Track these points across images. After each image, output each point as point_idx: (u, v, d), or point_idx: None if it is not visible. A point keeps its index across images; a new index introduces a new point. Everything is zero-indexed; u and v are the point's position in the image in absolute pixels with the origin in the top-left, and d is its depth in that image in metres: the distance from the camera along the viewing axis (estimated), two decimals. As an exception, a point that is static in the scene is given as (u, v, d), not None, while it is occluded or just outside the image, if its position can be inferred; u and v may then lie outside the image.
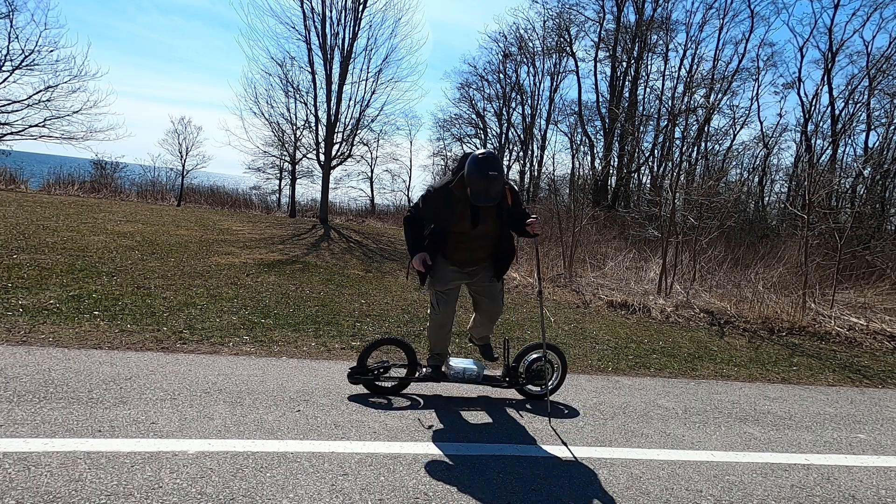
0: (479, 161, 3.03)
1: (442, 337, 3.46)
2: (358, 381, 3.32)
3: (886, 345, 6.72)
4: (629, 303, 7.41)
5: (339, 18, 14.11)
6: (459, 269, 3.36)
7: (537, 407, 3.44)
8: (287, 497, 2.14)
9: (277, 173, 22.29)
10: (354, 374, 3.31)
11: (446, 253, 3.33)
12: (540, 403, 3.48)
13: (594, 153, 25.02)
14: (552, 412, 3.37)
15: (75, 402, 2.77)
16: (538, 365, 3.50)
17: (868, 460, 3.14)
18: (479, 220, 3.23)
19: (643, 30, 22.51)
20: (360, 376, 3.31)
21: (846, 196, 17.65)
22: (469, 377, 3.43)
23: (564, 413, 3.39)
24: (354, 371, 3.32)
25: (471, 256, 3.34)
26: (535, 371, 3.50)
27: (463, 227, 3.23)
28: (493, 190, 3.04)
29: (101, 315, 4.34)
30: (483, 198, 3.06)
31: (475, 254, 3.34)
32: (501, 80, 29.17)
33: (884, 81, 18.74)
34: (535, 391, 3.54)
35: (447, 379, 3.43)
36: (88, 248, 6.89)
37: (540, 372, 3.50)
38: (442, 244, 3.31)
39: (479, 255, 3.36)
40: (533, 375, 3.50)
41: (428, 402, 3.35)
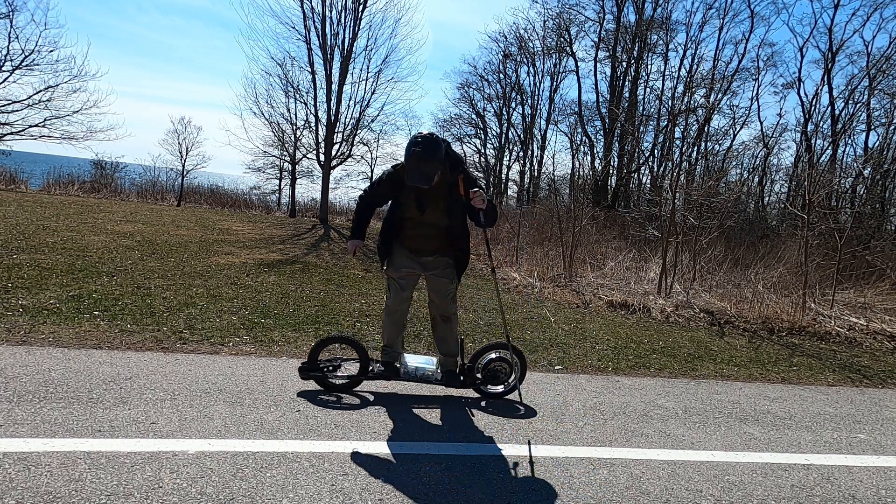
0: (411, 141, 2.98)
1: (392, 328, 3.39)
2: (308, 378, 3.27)
3: (886, 345, 6.72)
4: (629, 303, 7.41)
5: (339, 18, 14.12)
6: (413, 256, 3.30)
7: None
8: (287, 497, 2.14)
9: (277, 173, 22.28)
10: (304, 370, 3.27)
11: (401, 239, 3.31)
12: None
13: (594, 153, 25.03)
14: (559, 413, 3.37)
15: (75, 402, 2.77)
16: (495, 365, 3.44)
17: (868, 460, 3.14)
18: (427, 206, 3.17)
19: (643, 30, 22.50)
20: (309, 372, 3.26)
21: (846, 196, 17.63)
22: (422, 376, 3.36)
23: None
24: (305, 367, 3.28)
25: (422, 244, 3.27)
26: (493, 371, 3.44)
27: (412, 212, 3.21)
28: (424, 171, 2.96)
29: (101, 315, 4.34)
30: (414, 178, 2.98)
31: (426, 242, 3.27)
32: (501, 80, 29.20)
33: (884, 81, 18.74)
34: (494, 391, 3.48)
35: (399, 377, 3.35)
36: (88, 248, 6.89)
37: (497, 372, 3.44)
38: (396, 229, 3.29)
39: (432, 245, 3.28)
40: (490, 375, 3.45)
41: (433, 401, 3.35)
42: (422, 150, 2.92)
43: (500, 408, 3.37)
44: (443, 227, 3.24)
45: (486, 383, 3.46)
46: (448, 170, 3.15)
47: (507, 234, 13.03)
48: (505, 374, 3.46)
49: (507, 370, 3.46)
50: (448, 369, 3.44)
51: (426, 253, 3.30)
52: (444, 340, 3.46)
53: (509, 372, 3.47)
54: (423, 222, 3.23)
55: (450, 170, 3.15)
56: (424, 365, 3.41)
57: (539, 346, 5.01)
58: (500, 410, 3.33)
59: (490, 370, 3.43)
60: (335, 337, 3.45)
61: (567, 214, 11.49)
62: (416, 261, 3.32)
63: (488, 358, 3.45)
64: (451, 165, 3.15)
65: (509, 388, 3.48)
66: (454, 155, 3.20)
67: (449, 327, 3.44)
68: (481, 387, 3.46)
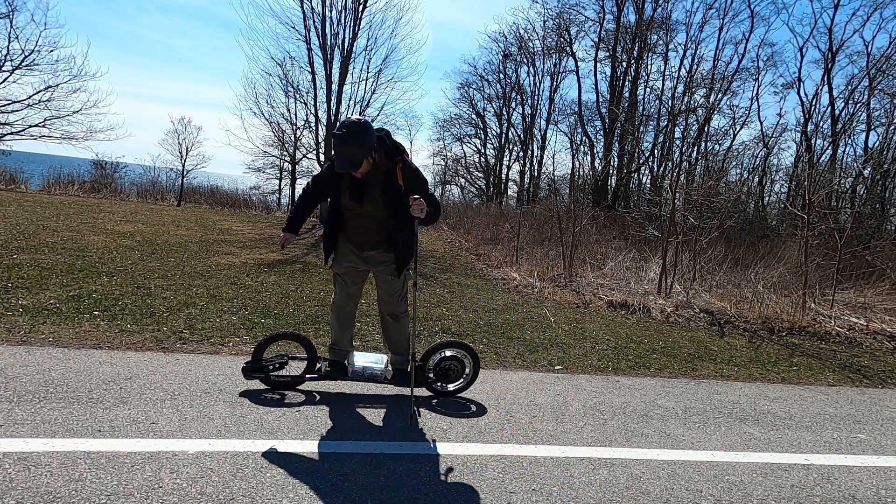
0: (337, 126, 2.86)
1: (339, 326, 3.31)
2: (252, 377, 3.16)
3: (886, 345, 6.72)
4: (629, 303, 7.41)
5: (339, 18, 14.11)
6: (357, 250, 3.20)
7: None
8: (287, 497, 2.14)
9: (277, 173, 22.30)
10: (248, 369, 3.15)
11: (344, 231, 3.22)
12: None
13: (594, 153, 25.03)
14: (560, 413, 3.37)
15: (75, 402, 2.77)
16: (447, 363, 3.38)
17: (868, 460, 3.14)
18: (364, 197, 3.06)
19: (643, 30, 22.51)
20: (252, 372, 3.15)
21: (846, 196, 17.63)
22: (370, 375, 3.26)
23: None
24: (248, 366, 3.16)
25: (363, 237, 3.17)
26: (444, 369, 3.38)
27: (349, 203, 3.10)
28: (348, 155, 2.84)
29: (101, 315, 4.34)
30: (340, 163, 2.88)
31: (366, 234, 3.16)
32: (501, 80, 29.22)
33: (884, 81, 18.74)
34: (446, 389, 3.42)
35: (347, 377, 3.26)
36: (88, 248, 6.89)
37: (449, 370, 3.38)
38: (339, 221, 3.20)
39: (372, 237, 3.16)
40: (442, 373, 3.38)
41: (424, 400, 3.35)
42: (343, 134, 2.80)
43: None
44: (381, 218, 3.10)
45: (437, 382, 3.40)
46: (384, 158, 3.02)
47: (507, 234, 13.03)
48: (457, 372, 3.40)
49: (459, 368, 3.41)
50: (399, 368, 3.36)
51: (367, 246, 3.19)
52: (392, 339, 3.39)
53: (461, 370, 3.42)
54: (363, 214, 3.11)
55: (385, 158, 3.02)
56: (373, 364, 3.32)
57: (539, 346, 5.01)
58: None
59: (442, 368, 3.37)
60: (282, 334, 3.34)
61: (567, 214, 11.49)
62: (359, 255, 3.21)
63: (440, 356, 3.38)
64: (387, 153, 3.03)
65: (461, 386, 3.43)
66: (392, 143, 3.09)
67: (398, 325, 3.36)
68: (433, 385, 3.40)
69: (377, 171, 3.02)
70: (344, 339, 3.36)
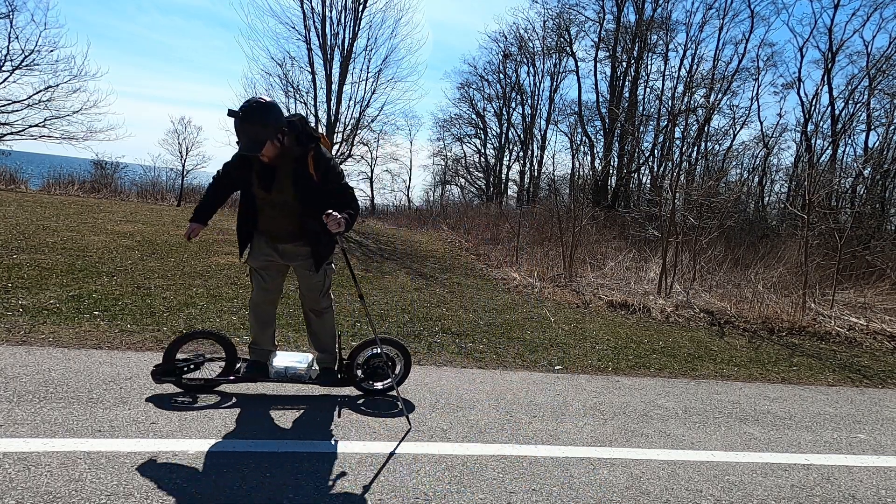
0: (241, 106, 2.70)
1: (257, 324, 3.16)
2: (162, 381, 2.97)
3: (886, 345, 6.72)
4: (629, 303, 7.41)
5: (339, 18, 14.11)
6: (271, 242, 3.04)
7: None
8: (287, 497, 2.15)
9: (277, 173, 22.28)
10: (158, 372, 2.94)
11: (258, 223, 3.04)
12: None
13: (594, 153, 25.03)
14: (559, 414, 3.36)
15: (75, 402, 2.77)
16: (376, 361, 3.25)
17: (868, 460, 3.14)
18: (273, 185, 2.88)
19: (643, 30, 22.51)
20: (162, 376, 2.95)
21: (846, 196, 17.63)
22: (294, 376, 3.11)
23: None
24: (159, 369, 2.95)
25: (274, 227, 3.00)
26: (374, 367, 3.25)
27: (259, 190, 2.93)
28: (249, 136, 2.67)
29: (101, 315, 4.34)
30: (242, 144, 2.73)
31: (278, 225, 2.98)
32: (501, 80, 29.23)
33: (884, 81, 18.73)
34: (374, 387, 3.31)
35: (268, 378, 3.10)
36: (88, 248, 6.89)
37: (377, 368, 3.25)
38: (253, 212, 3.02)
39: (284, 229, 2.98)
40: (371, 371, 3.26)
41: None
42: (243, 112, 2.64)
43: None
44: (293, 209, 2.92)
45: (366, 380, 3.29)
46: (294, 144, 2.85)
47: (507, 234, 13.03)
48: (386, 370, 3.26)
49: (390, 366, 3.29)
50: (325, 367, 3.24)
51: (282, 239, 3.02)
52: (316, 336, 3.26)
53: (392, 368, 3.30)
54: (273, 203, 2.92)
55: (297, 144, 2.85)
56: (297, 363, 3.16)
57: (539, 346, 5.01)
58: (499, 412, 3.32)
59: (371, 366, 3.26)
60: (198, 332, 3.17)
61: (567, 214, 11.49)
62: (274, 248, 3.04)
63: (369, 354, 3.27)
64: (298, 139, 2.85)
65: (390, 384, 3.30)
66: (305, 129, 2.89)
67: (321, 322, 3.22)
68: (362, 384, 3.28)
69: (286, 158, 2.84)
70: (264, 337, 3.20)
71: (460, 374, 4.01)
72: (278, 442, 2.60)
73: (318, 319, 3.23)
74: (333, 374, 3.23)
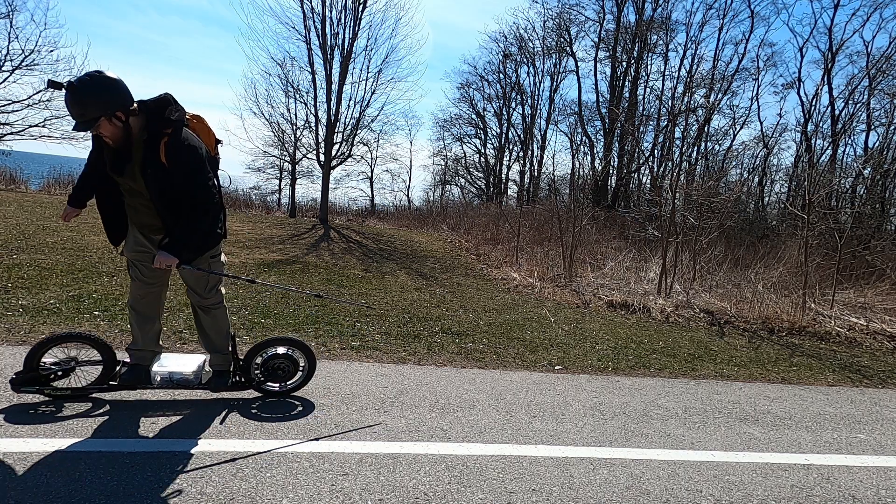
0: None
1: (136, 322, 2.87)
2: (22, 391, 2.67)
3: (886, 345, 6.72)
4: (629, 303, 7.41)
5: (339, 18, 14.12)
6: (145, 233, 2.76)
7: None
8: (287, 497, 2.15)
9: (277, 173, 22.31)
10: (18, 381, 2.65)
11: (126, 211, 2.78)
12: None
13: (594, 153, 25.03)
14: (563, 413, 3.36)
15: (75, 402, 2.76)
16: (276, 362, 3.07)
17: (868, 460, 3.14)
18: (123, 170, 2.57)
19: (643, 30, 22.50)
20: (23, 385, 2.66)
21: (846, 196, 17.63)
22: (180, 381, 2.87)
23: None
24: (18, 377, 2.66)
25: (137, 218, 2.73)
26: (273, 368, 3.07)
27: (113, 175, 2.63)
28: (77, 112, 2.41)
29: (101, 315, 4.34)
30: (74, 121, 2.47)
31: (140, 215, 2.71)
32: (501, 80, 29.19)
33: (884, 81, 18.73)
34: (275, 389, 3.11)
35: (150, 383, 2.85)
36: (88, 248, 6.89)
37: (279, 369, 3.08)
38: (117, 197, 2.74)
39: (147, 219, 2.71)
40: (270, 373, 3.08)
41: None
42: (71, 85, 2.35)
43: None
44: (147, 199, 2.63)
45: (266, 382, 3.09)
46: (143, 126, 2.53)
47: (507, 234, 13.03)
48: (288, 371, 3.10)
49: (292, 367, 3.11)
50: (218, 370, 3.02)
51: (151, 230, 2.74)
52: (208, 335, 3.00)
53: (294, 369, 3.12)
54: (130, 190, 2.64)
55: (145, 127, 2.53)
56: (185, 367, 2.93)
57: (539, 346, 5.01)
58: (500, 413, 3.32)
59: (270, 367, 3.07)
60: (65, 335, 2.79)
61: (567, 214, 11.49)
62: (148, 238, 2.76)
63: (269, 353, 3.08)
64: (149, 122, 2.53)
65: (294, 385, 3.15)
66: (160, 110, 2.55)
67: (212, 320, 2.96)
68: (262, 385, 3.08)
69: (138, 142, 2.54)
70: (145, 337, 2.89)
71: (460, 374, 4.01)
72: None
73: (208, 317, 2.95)
74: (227, 377, 3.00)
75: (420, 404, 3.28)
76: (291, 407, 3.02)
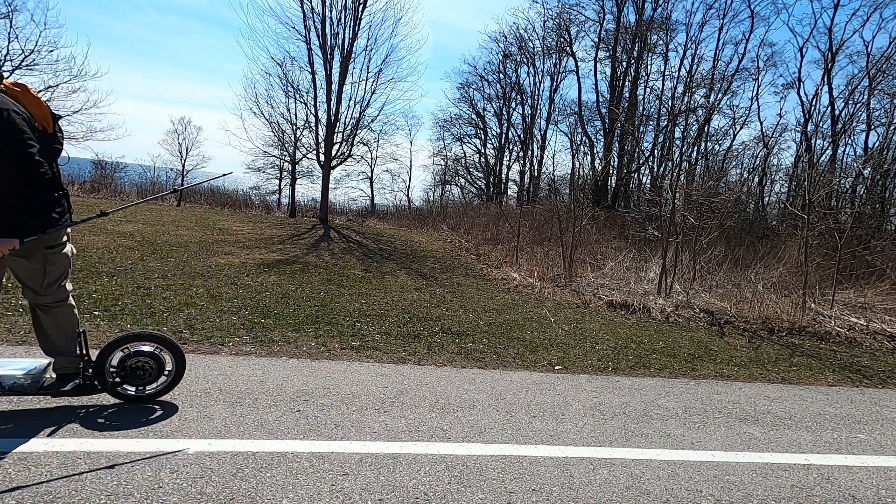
0: None
1: None
2: None
3: (886, 345, 6.72)
4: (629, 303, 7.41)
5: (339, 18, 14.12)
6: None
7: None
8: (287, 497, 2.14)
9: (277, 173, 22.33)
10: None
11: None
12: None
13: (594, 153, 25.03)
14: (560, 414, 3.36)
15: (75, 402, 2.76)
16: (137, 361, 2.74)
17: (868, 460, 3.14)
18: None
19: (643, 30, 22.50)
20: None
21: (846, 196, 17.63)
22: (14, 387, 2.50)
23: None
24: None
25: None
26: (133, 368, 2.73)
27: None
28: None
29: (101, 315, 4.34)
30: None
31: None
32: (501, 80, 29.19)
33: (884, 81, 18.72)
34: (138, 393, 2.82)
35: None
36: (88, 248, 6.89)
37: (139, 369, 2.74)
38: None
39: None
40: (129, 374, 2.74)
41: (432, 402, 3.34)
42: None
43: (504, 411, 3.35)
44: None
45: (124, 384, 2.76)
46: None
47: (507, 234, 13.03)
48: (152, 371, 2.78)
49: (156, 367, 2.79)
50: (63, 372, 2.68)
51: None
52: (49, 337, 2.66)
53: (158, 369, 2.81)
54: None
55: None
56: (20, 370, 2.57)
57: (539, 346, 5.01)
58: (502, 413, 3.32)
59: (129, 367, 2.73)
60: None
61: (567, 214, 11.49)
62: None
63: (126, 353, 2.76)
64: None
65: (161, 388, 2.86)
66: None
67: (52, 320, 2.64)
68: (118, 389, 2.76)
69: None
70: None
71: (460, 374, 4.01)
72: None
73: (47, 317, 2.63)
74: (72, 379, 2.64)
75: (420, 404, 3.28)
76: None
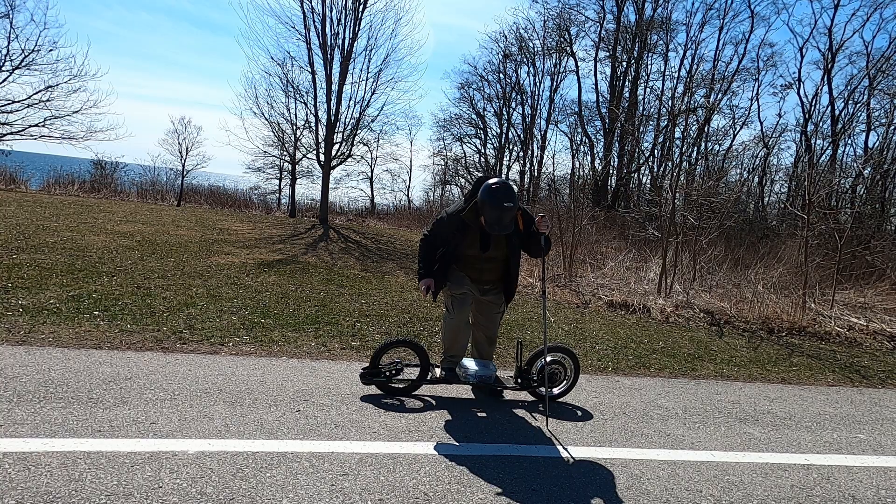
0: (492, 192, 3.11)
1: (456, 340, 3.49)
2: (370, 382, 3.33)
3: (886, 345, 6.72)
4: (629, 303, 7.41)
5: (339, 18, 14.11)
6: (472, 284, 3.47)
7: (540, 408, 3.43)
8: (287, 497, 2.14)
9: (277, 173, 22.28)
10: (367, 374, 3.32)
11: (461, 268, 3.46)
12: (550, 404, 3.45)
13: (594, 153, 25.03)
14: (563, 414, 3.37)
15: (75, 402, 2.77)
16: (551, 368, 3.51)
17: (868, 460, 3.14)
18: (490, 246, 3.35)
19: (643, 30, 22.51)
20: (371, 377, 3.32)
21: (846, 196, 17.63)
22: (483, 379, 3.39)
23: (577, 415, 3.38)
24: (367, 372, 3.33)
25: (480, 276, 3.46)
26: (547, 374, 3.46)
27: (473, 251, 3.37)
28: (506, 220, 3.14)
29: (101, 315, 4.34)
30: (496, 227, 3.16)
31: (485, 275, 3.46)
32: (501, 80, 29.15)
33: (884, 81, 18.74)
34: (550, 393, 3.53)
35: (459, 381, 3.42)
36: (88, 248, 6.89)
37: (552, 375, 3.53)
38: (456, 261, 3.44)
39: (489, 277, 3.47)
40: (544, 378, 3.43)
41: (434, 402, 3.35)
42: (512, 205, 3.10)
43: (506, 409, 3.37)
44: (502, 261, 3.44)
45: (542, 386, 3.49)
46: None
47: (507, 234, 13.00)
48: (560, 376, 3.57)
49: (562, 373, 3.58)
50: None
51: (484, 283, 3.49)
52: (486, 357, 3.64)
53: (563, 375, 3.58)
54: (484, 258, 3.39)
55: None
56: (484, 369, 3.42)
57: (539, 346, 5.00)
58: (504, 412, 3.32)
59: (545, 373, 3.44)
60: (398, 341, 3.43)
61: (567, 214, 11.49)
62: (475, 287, 3.49)
63: (544, 361, 3.46)
64: None
65: (564, 390, 3.59)
66: None
67: (493, 348, 3.67)
68: (537, 389, 3.51)
69: None
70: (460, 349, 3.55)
71: (460, 374, 4.01)
72: None
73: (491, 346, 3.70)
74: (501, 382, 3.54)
75: (420, 404, 3.28)
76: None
